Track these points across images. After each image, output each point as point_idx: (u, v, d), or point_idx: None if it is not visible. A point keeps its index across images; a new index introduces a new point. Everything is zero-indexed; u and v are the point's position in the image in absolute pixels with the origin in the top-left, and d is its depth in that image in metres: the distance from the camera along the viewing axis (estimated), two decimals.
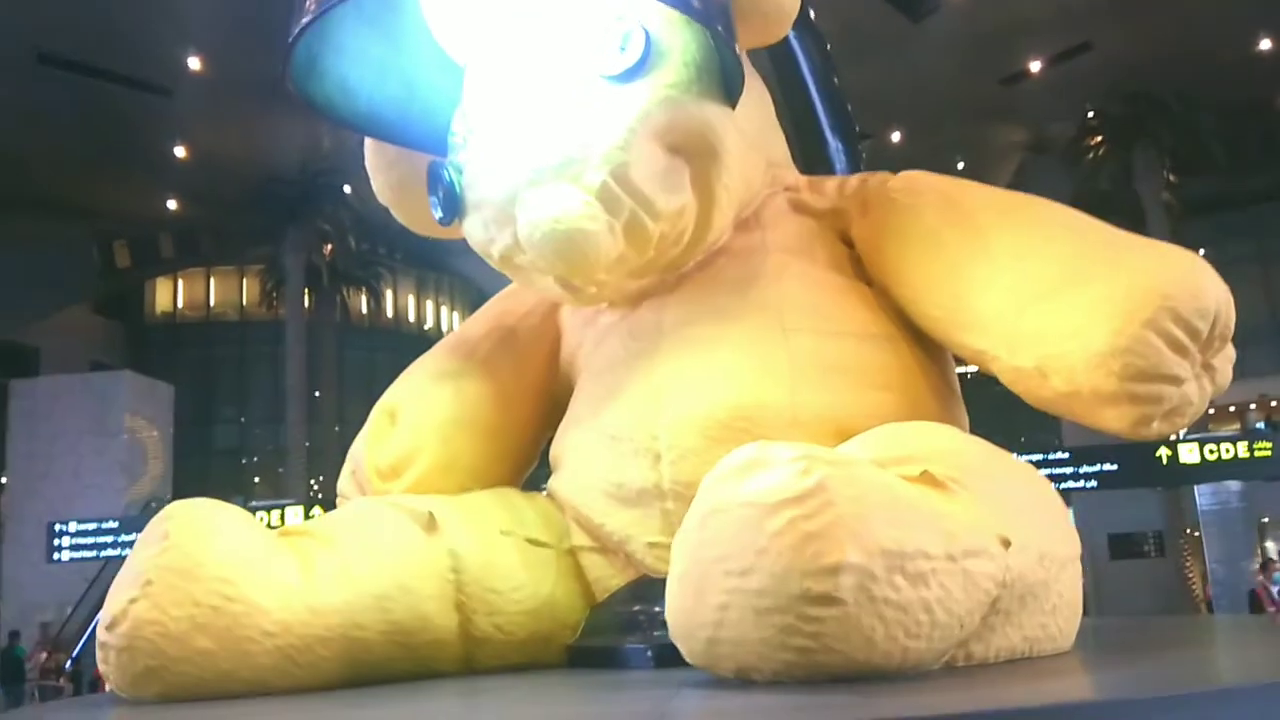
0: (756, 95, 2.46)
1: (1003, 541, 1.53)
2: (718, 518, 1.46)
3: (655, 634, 2.04)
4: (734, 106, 2.22)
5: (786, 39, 2.59)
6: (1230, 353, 2.05)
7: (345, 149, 21.32)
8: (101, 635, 1.85)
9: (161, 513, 1.94)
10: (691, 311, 2.30)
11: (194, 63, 18.89)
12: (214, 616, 1.81)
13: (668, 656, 1.96)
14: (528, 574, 2.18)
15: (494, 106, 2.20)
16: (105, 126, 20.05)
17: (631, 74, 2.09)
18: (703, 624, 1.47)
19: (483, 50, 2.33)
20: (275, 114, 18.68)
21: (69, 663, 15.01)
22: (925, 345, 2.34)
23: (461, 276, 37.58)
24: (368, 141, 2.62)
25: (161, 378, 22.43)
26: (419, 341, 35.66)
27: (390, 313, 32.58)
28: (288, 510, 17.00)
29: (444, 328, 38.01)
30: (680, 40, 2.14)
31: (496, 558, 2.16)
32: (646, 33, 2.10)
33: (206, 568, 1.84)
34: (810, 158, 2.88)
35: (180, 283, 30.91)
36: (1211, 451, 14.68)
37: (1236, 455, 14.72)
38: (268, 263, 23.59)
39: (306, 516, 17.15)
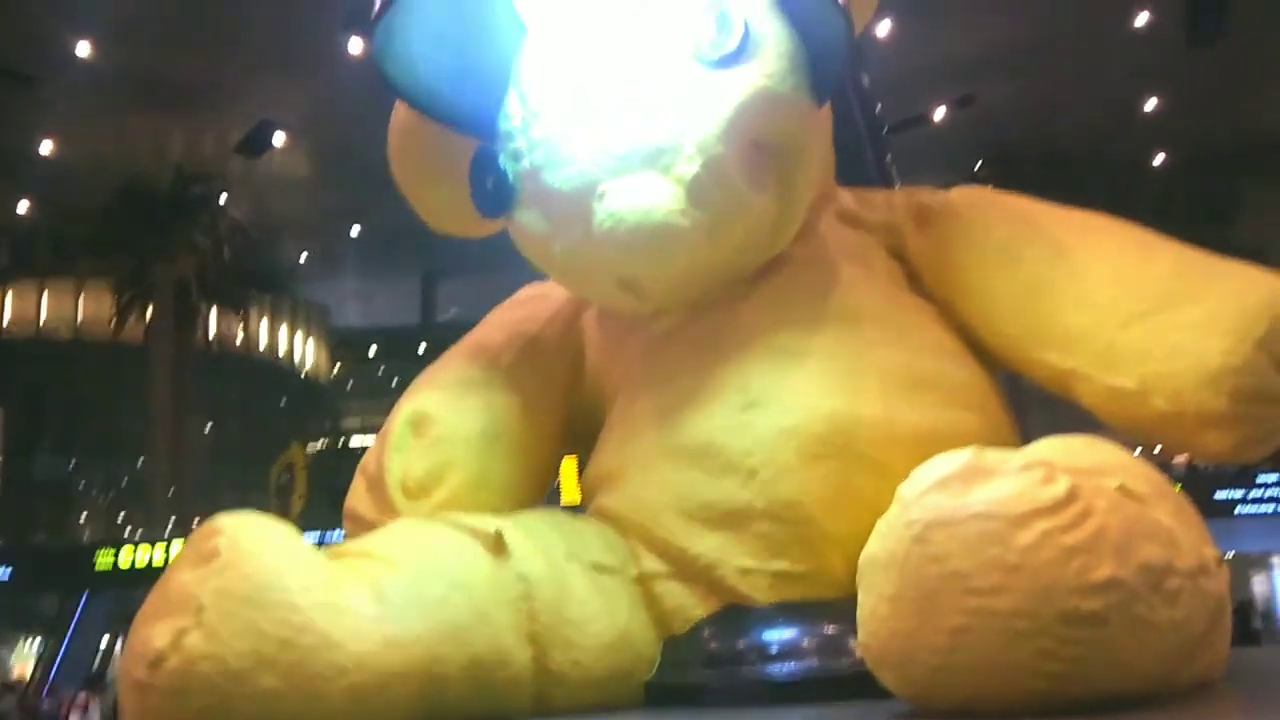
0: None
1: (1216, 560, 1.46)
2: (945, 530, 1.34)
3: (755, 667, 1.90)
4: (822, 104, 2.14)
5: None
6: None
7: (224, 156, 20.67)
8: (139, 674, 1.57)
9: (205, 527, 1.68)
10: (770, 320, 2.19)
11: (83, 48, 17.86)
12: (282, 650, 1.57)
13: (781, 691, 1.84)
14: (601, 603, 2.01)
15: (566, 87, 2.06)
16: None
17: (729, 61, 2.01)
18: (930, 649, 1.34)
19: (548, 24, 2.18)
20: (146, 114, 17.92)
21: None
22: (988, 365, 2.29)
23: (314, 304, 36.67)
24: (395, 122, 2.43)
25: None
26: (270, 371, 34.59)
27: (240, 338, 31.36)
28: (173, 545, 16.12)
29: (296, 358, 36.92)
30: (773, 30, 2.06)
31: (567, 585, 1.98)
32: (744, 18, 2.00)
33: (270, 593, 1.59)
34: (842, 166, 2.81)
35: (10, 295, 28.90)
36: None
37: None
38: (125, 275, 22.27)
39: None
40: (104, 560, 20.09)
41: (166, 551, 17.31)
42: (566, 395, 2.57)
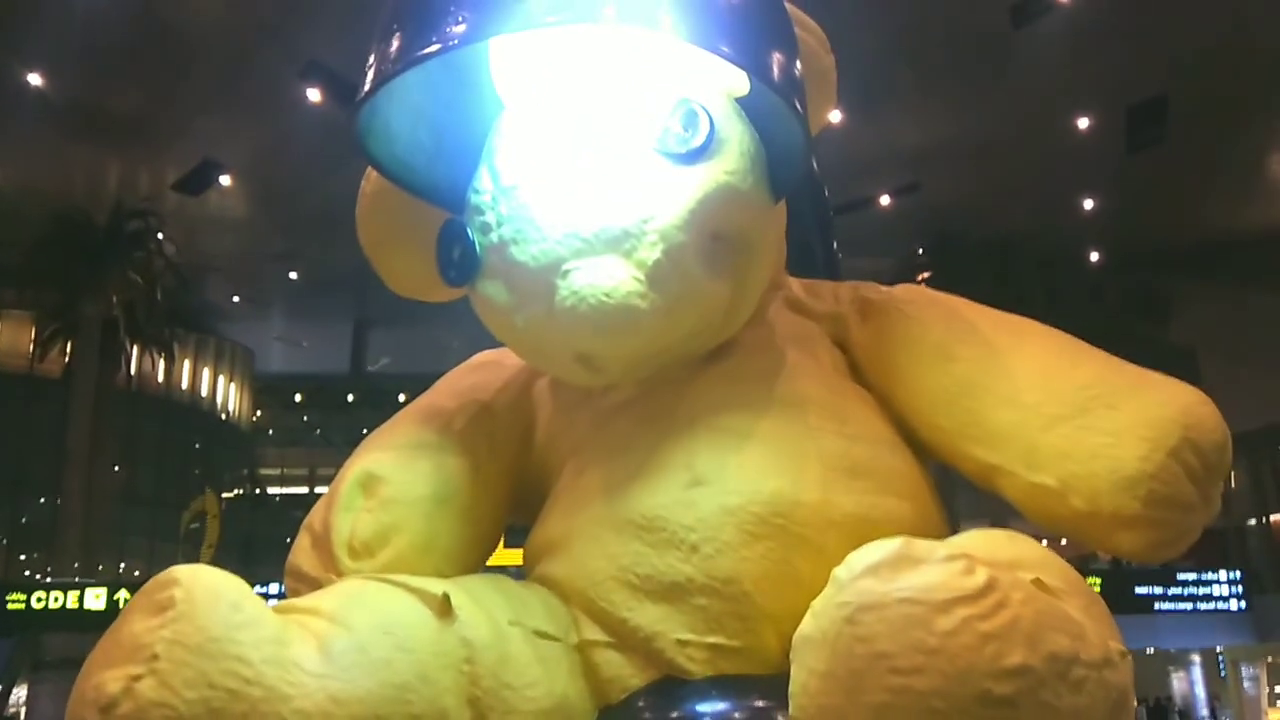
0: None
1: (1120, 653, 1.60)
2: (873, 614, 1.47)
3: None
4: (778, 201, 2.29)
5: None
6: (1220, 487, 2.22)
7: (163, 193, 20.56)
8: (91, 718, 1.62)
9: (160, 578, 1.74)
10: (718, 401, 2.32)
11: (27, 78, 17.80)
12: (230, 701, 1.63)
13: None
14: (541, 670, 2.07)
15: (538, 168, 2.18)
16: None
17: (694, 156, 2.13)
18: None
19: (525, 103, 2.31)
20: (88, 146, 17.77)
21: None
22: (921, 454, 2.43)
23: (240, 346, 36.16)
24: (365, 187, 2.54)
25: None
26: (189, 413, 33.73)
27: (161, 377, 30.75)
28: (88, 591, 15.61)
29: (218, 399, 36.28)
30: (736, 130, 2.20)
31: (509, 650, 2.05)
32: (710, 116, 2.14)
33: (221, 644, 1.66)
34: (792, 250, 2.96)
35: None
36: None
37: None
38: (51, 308, 21.83)
39: (111, 600, 15.72)
40: (15, 602, 19.46)
41: (80, 596, 16.87)
42: (515, 462, 2.65)
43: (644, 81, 2.23)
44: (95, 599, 16.52)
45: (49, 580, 17.98)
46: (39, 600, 18.78)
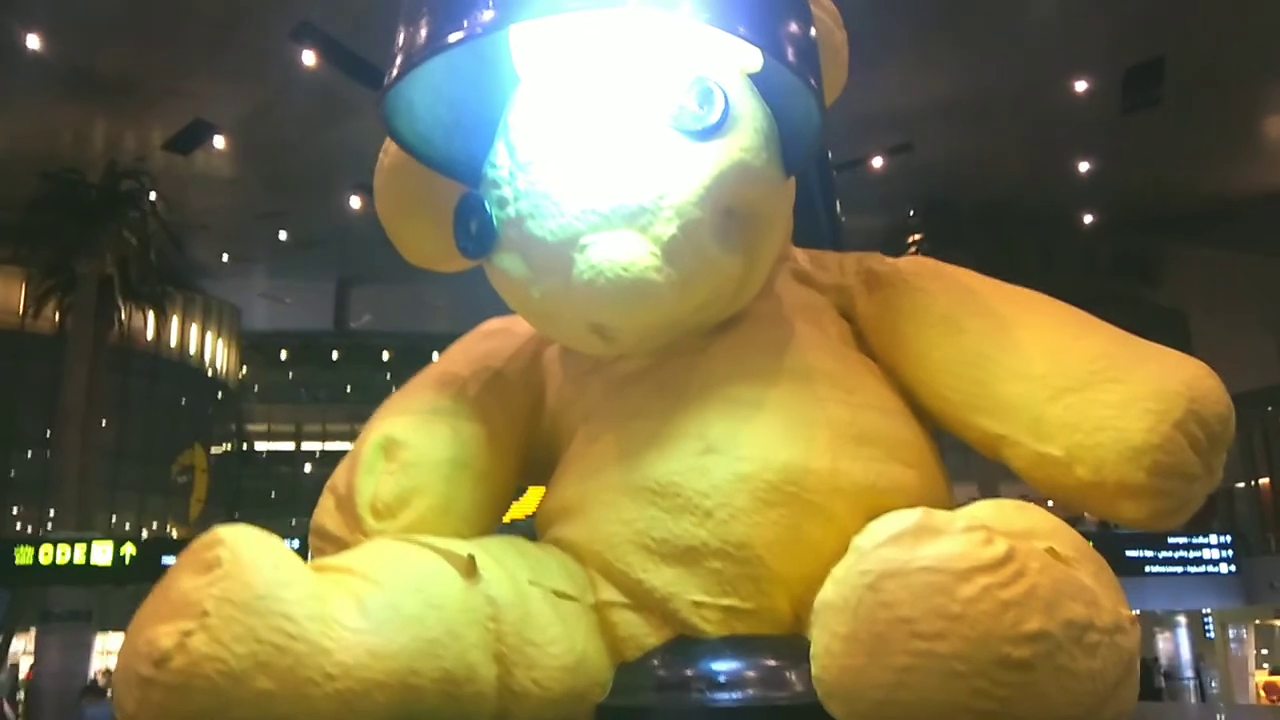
0: None
1: (1130, 619, 1.70)
2: (896, 581, 1.57)
3: (701, 695, 2.09)
4: (790, 177, 2.36)
5: None
6: (1223, 457, 2.31)
7: (154, 153, 20.46)
8: (145, 671, 1.71)
9: (205, 538, 1.83)
10: (729, 371, 2.40)
11: (20, 37, 17.69)
12: (277, 655, 1.73)
13: (724, 718, 2.04)
14: (561, 627, 2.18)
15: (555, 144, 2.23)
16: None
17: (709, 133, 2.18)
18: (877, 684, 1.56)
19: (542, 79, 2.36)
20: (80, 106, 17.63)
21: None
22: (925, 424, 2.52)
23: (226, 304, 36.08)
24: (384, 160, 2.60)
25: None
26: (176, 369, 33.64)
27: (150, 335, 30.71)
28: (94, 546, 15.79)
29: (206, 356, 36.28)
30: (750, 107, 2.26)
31: (531, 608, 2.15)
32: (725, 94, 2.20)
33: (267, 601, 1.75)
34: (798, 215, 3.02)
35: None
36: None
37: None
38: (44, 266, 21.76)
39: (117, 554, 15.93)
40: (23, 556, 19.60)
41: (87, 550, 17.11)
42: (527, 428, 2.74)
43: (660, 59, 2.28)
44: (102, 553, 16.80)
45: (43, 534, 18.19)
46: (46, 555, 19.02)
